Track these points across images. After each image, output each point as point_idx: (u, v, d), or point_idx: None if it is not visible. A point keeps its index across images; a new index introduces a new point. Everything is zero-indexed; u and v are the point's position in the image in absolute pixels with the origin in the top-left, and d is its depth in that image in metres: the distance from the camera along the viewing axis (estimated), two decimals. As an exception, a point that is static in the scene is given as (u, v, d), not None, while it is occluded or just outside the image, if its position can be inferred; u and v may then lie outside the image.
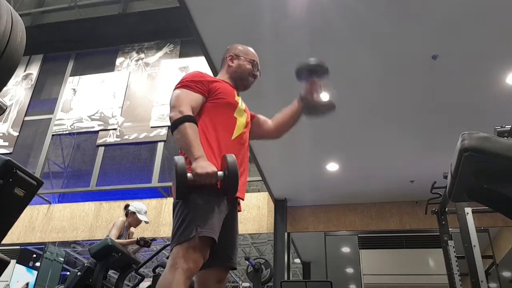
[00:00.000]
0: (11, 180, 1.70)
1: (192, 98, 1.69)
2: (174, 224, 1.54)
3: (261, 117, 2.02)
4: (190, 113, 1.63)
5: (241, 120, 1.79)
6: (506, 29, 3.29)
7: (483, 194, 1.60)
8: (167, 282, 1.42)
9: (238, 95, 1.87)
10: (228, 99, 1.76)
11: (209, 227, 1.48)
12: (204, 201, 1.52)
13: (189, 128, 1.57)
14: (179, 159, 1.50)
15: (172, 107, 1.66)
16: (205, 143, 1.63)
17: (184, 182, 1.46)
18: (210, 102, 1.74)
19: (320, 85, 1.94)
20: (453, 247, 3.65)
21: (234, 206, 1.70)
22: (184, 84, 1.73)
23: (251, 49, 1.98)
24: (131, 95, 8.20)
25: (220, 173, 1.51)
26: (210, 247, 1.51)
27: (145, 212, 4.17)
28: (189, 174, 1.49)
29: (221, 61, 1.99)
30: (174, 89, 1.75)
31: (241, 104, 1.83)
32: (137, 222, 4.14)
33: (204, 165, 1.50)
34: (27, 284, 7.51)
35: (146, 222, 4.23)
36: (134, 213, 4.10)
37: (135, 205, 4.16)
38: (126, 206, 4.19)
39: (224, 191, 1.55)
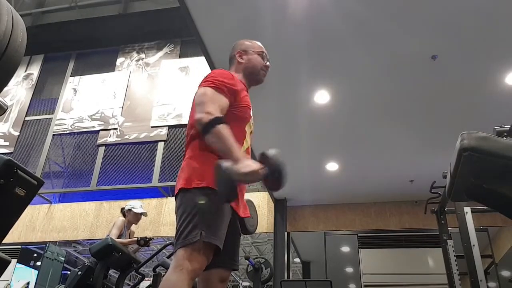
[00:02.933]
0: (12, 179, 1.70)
1: (222, 102, 1.63)
2: (179, 226, 1.52)
3: None
4: (219, 114, 1.57)
5: (249, 133, 1.77)
6: (505, 29, 3.29)
7: (482, 193, 1.61)
8: (170, 283, 1.42)
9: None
10: (245, 114, 1.73)
11: (214, 233, 1.48)
12: (210, 206, 1.51)
13: (224, 130, 1.52)
14: (224, 163, 1.46)
15: (201, 106, 1.58)
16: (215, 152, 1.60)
17: (235, 185, 1.46)
18: (230, 112, 1.67)
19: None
20: (453, 246, 3.66)
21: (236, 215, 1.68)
22: (216, 85, 1.65)
23: (257, 42, 1.94)
24: (132, 95, 8.21)
25: (263, 170, 1.48)
26: (214, 250, 1.51)
27: (141, 206, 4.24)
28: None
29: (229, 60, 1.92)
30: (203, 85, 1.66)
31: (252, 118, 1.80)
32: (136, 218, 4.17)
33: (247, 164, 1.46)
34: (28, 283, 7.52)
35: (145, 215, 4.25)
36: (130, 210, 4.16)
37: (129, 203, 4.25)
38: (122, 209, 4.25)
39: (268, 187, 1.54)
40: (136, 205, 4.20)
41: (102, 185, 7.42)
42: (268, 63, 1.90)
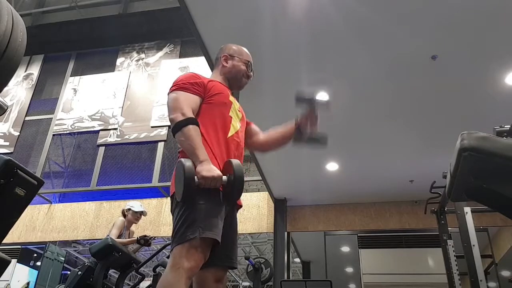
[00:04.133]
0: (12, 179, 1.70)
1: (192, 100, 1.69)
2: (175, 224, 1.53)
3: (254, 127, 2.00)
4: (192, 115, 1.63)
5: (236, 118, 1.80)
6: (506, 29, 3.29)
7: (482, 193, 1.60)
8: (168, 282, 1.43)
9: (232, 94, 1.88)
10: (222, 99, 1.77)
11: (212, 228, 1.48)
12: (206, 202, 1.52)
13: (193, 131, 1.57)
14: (187, 162, 1.49)
15: (173, 109, 1.65)
16: (204, 143, 1.63)
17: (192, 185, 1.46)
18: (206, 103, 1.74)
19: (317, 117, 1.86)
20: (453, 246, 3.66)
21: (232, 207, 1.70)
22: (181, 86, 1.73)
23: (245, 50, 1.97)
24: (132, 95, 8.21)
25: (224, 177, 1.52)
26: (211, 248, 1.51)
27: (141, 205, 4.27)
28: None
29: (215, 60, 1.99)
30: (170, 92, 1.74)
31: (235, 104, 1.84)
32: (136, 216, 4.19)
33: (210, 169, 1.50)
34: (28, 283, 7.52)
35: (144, 214, 4.27)
36: (129, 209, 4.19)
37: (129, 203, 4.29)
38: (123, 210, 4.27)
39: (226, 195, 1.55)
40: (135, 204, 4.24)
41: (102, 185, 7.42)
42: (251, 73, 1.94)
